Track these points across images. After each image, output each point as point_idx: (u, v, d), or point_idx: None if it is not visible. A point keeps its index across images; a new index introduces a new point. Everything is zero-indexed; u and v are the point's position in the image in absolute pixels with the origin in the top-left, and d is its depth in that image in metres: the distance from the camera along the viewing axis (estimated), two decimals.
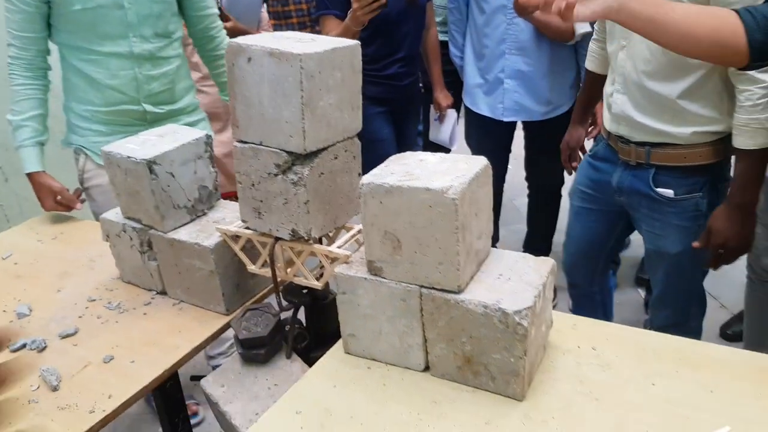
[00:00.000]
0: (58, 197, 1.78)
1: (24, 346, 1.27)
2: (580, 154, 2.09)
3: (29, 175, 1.76)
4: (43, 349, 1.27)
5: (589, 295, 2.02)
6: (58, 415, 1.09)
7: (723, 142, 1.48)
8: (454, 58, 2.71)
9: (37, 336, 1.29)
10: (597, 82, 1.84)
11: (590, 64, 1.88)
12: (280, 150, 1.12)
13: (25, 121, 1.74)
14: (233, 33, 2.33)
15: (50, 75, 1.83)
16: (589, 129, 2.32)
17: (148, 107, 1.86)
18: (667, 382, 1.01)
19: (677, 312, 1.76)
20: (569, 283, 2.06)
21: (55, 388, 1.14)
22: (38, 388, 1.15)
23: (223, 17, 2.27)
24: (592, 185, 1.79)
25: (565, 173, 2.25)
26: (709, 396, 0.97)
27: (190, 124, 1.97)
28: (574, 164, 2.05)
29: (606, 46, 1.69)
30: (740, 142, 1.39)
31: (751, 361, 1.06)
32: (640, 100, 1.54)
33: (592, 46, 1.86)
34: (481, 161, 1.04)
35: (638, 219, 1.70)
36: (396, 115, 2.55)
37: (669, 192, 1.56)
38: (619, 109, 1.59)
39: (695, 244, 1.52)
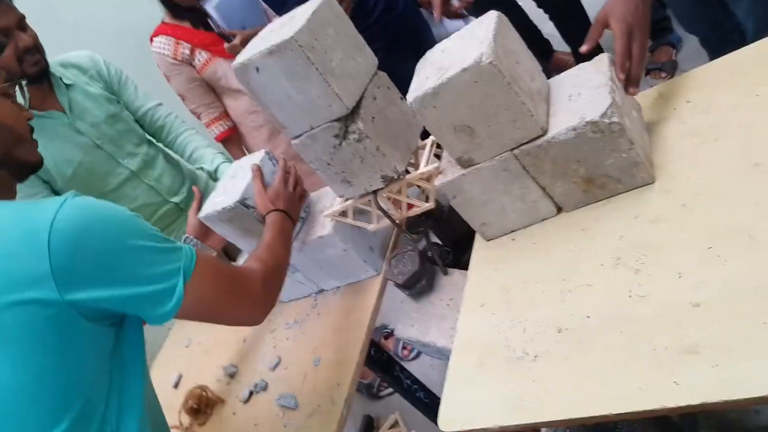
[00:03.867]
0: None
1: (251, 393, 1.47)
2: None
3: None
4: (266, 386, 1.46)
5: (725, 41, 1.74)
6: (310, 421, 1.27)
7: None
8: None
9: (256, 380, 1.49)
10: None
11: None
12: (330, 122, 1.20)
13: None
14: (246, 43, 2.39)
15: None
16: None
17: (175, 199, 2.06)
18: (767, 85, 1.02)
19: None
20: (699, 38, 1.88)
21: (296, 406, 1.33)
22: (283, 415, 1.34)
23: (226, 38, 2.31)
24: None
25: None
26: None
27: (198, 178, 2.18)
28: None
29: None
30: None
31: None
32: None
33: None
34: (492, 15, 1.08)
35: None
36: (414, 45, 2.35)
37: None
38: None
39: (583, 48, 1.12)
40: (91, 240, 0.86)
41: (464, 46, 1.06)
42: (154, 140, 2.11)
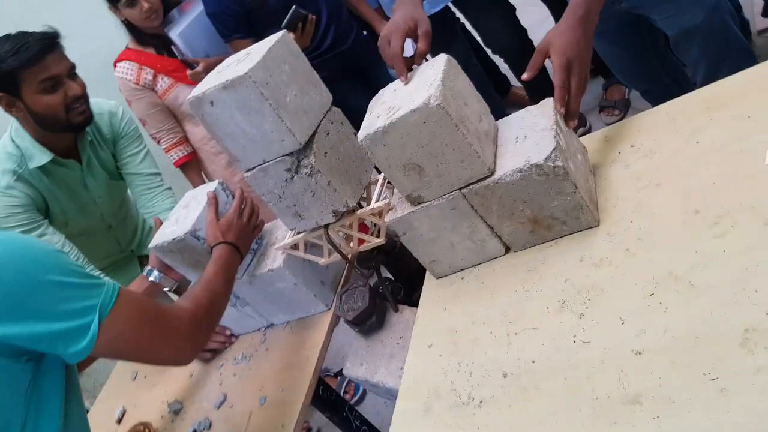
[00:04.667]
0: None
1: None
2: None
3: None
4: (210, 425, 1.41)
5: (665, 93, 1.82)
6: None
7: None
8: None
9: (200, 418, 1.44)
10: None
11: None
12: (282, 156, 1.19)
13: None
14: (209, 71, 2.37)
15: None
16: None
17: (132, 246, 2.15)
18: (707, 133, 1.05)
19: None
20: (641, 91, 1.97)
21: None
22: None
23: (189, 65, 2.30)
24: None
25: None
26: (748, 123, 1.01)
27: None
28: None
29: None
30: None
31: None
32: None
33: None
34: (442, 58, 1.09)
35: (648, 12, 1.59)
36: (363, 75, 2.44)
37: None
38: None
39: (524, 76, 1.13)
40: (4, 274, 0.84)
41: (414, 87, 1.06)
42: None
